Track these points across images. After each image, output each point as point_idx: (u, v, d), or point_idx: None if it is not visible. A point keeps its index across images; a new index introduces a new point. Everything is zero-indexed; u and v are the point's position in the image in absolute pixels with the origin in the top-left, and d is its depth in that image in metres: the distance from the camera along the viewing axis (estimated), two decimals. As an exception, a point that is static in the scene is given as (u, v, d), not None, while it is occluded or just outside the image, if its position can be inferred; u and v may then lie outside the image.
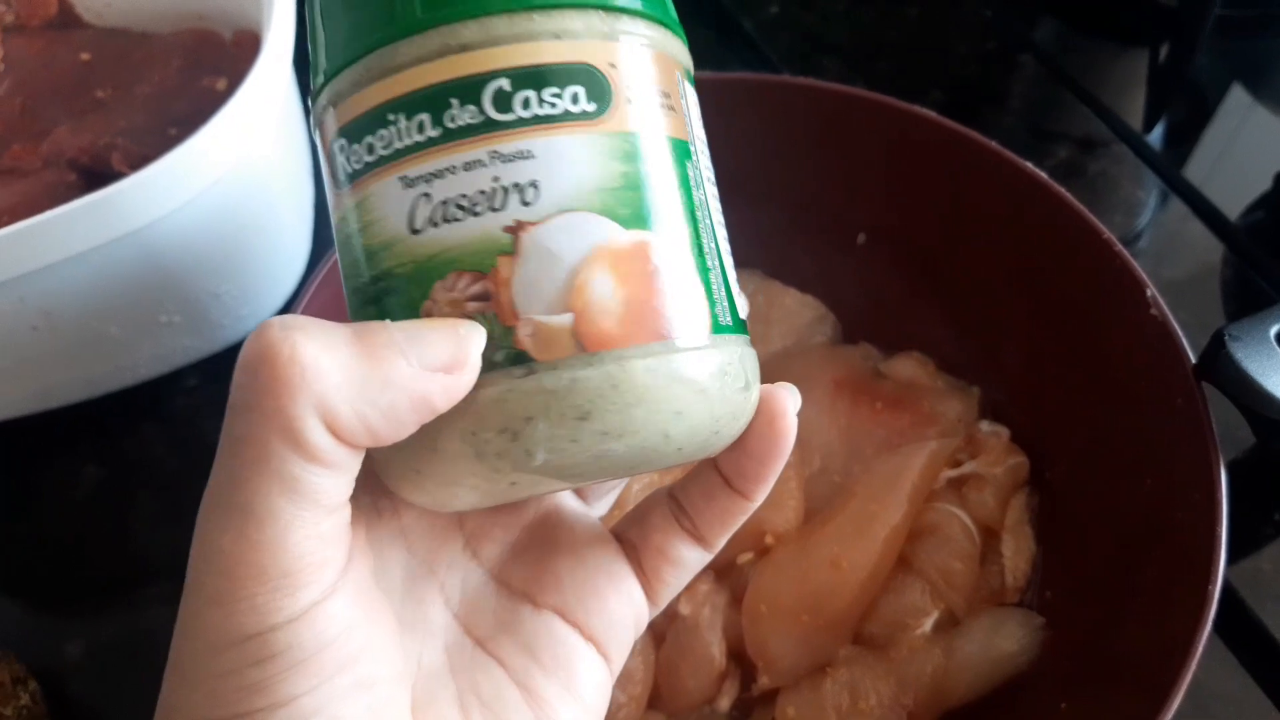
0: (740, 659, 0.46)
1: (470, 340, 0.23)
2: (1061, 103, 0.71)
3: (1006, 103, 0.73)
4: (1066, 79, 0.72)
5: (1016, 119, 0.71)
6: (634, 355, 0.24)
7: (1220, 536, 0.38)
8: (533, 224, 0.23)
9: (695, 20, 0.77)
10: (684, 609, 0.45)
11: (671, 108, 0.26)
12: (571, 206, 0.24)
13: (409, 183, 0.24)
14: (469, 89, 0.24)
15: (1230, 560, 0.38)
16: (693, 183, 0.26)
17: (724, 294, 0.26)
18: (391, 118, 0.24)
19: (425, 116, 0.24)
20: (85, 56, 0.59)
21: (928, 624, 0.45)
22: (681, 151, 0.26)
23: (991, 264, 0.50)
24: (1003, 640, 0.44)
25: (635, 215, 0.24)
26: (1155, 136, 0.70)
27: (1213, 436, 0.40)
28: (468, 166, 0.24)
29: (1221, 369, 0.40)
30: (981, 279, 0.51)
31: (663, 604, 0.30)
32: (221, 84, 0.56)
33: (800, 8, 0.77)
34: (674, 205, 0.25)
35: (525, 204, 0.24)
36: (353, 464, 0.23)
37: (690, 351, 0.25)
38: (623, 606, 0.29)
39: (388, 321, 0.23)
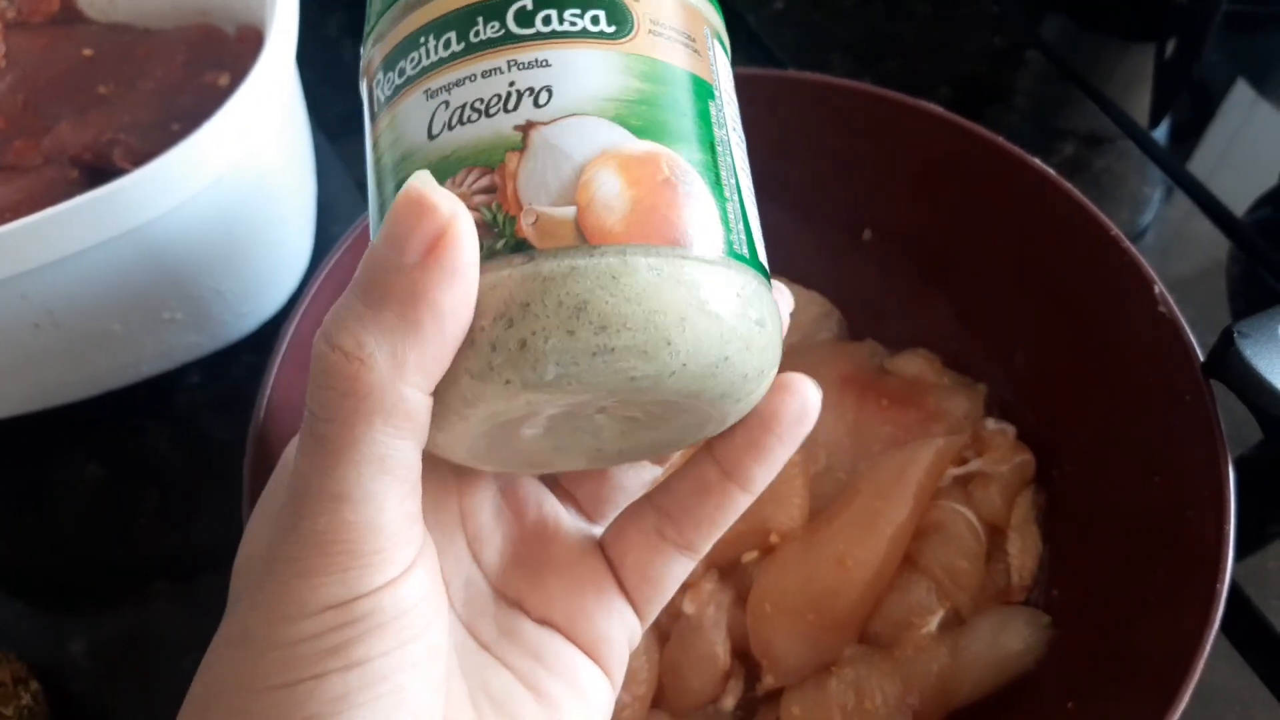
0: (745, 658, 0.46)
1: (433, 195, 0.22)
2: (1068, 98, 0.71)
3: (1013, 99, 0.72)
4: (1073, 75, 0.71)
5: (1022, 115, 0.71)
6: (637, 252, 0.24)
7: (1228, 534, 0.38)
8: (543, 123, 0.24)
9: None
10: (688, 608, 0.45)
11: (696, 51, 0.27)
12: (583, 110, 0.24)
13: (431, 94, 0.25)
14: (495, 8, 0.25)
15: (1237, 558, 0.38)
16: (714, 120, 0.27)
17: (741, 227, 0.26)
18: (422, 40, 0.26)
19: (452, 34, 0.25)
20: (88, 52, 0.59)
21: (933, 623, 0.45)
22: (702, 89, 0.27)
23: (998, 260, 0.50)
24: (1009, 639, 0.44)
25: (647, 127, 0.25)
26: (1161, 132, 0.70)
27: (1221, 434, 0.40)
28: (485, 74, 0.25)
29: (1230, 366, 0.40)
30: (988, 275, 0.51)
31: (650, 619, 0.30)
32: (224, 80, 0.56)
33: (807, 4, 0.77)
34: (690, 130, 0.26)
35: (538, 105, 0.24)
36: (426, 421, 0.23)
37: (698, 261, 0.24)
38: (612, 626, 0.29)
39: (371, 243, 0.23)
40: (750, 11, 0.76)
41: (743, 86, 0.51)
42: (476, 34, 0.25)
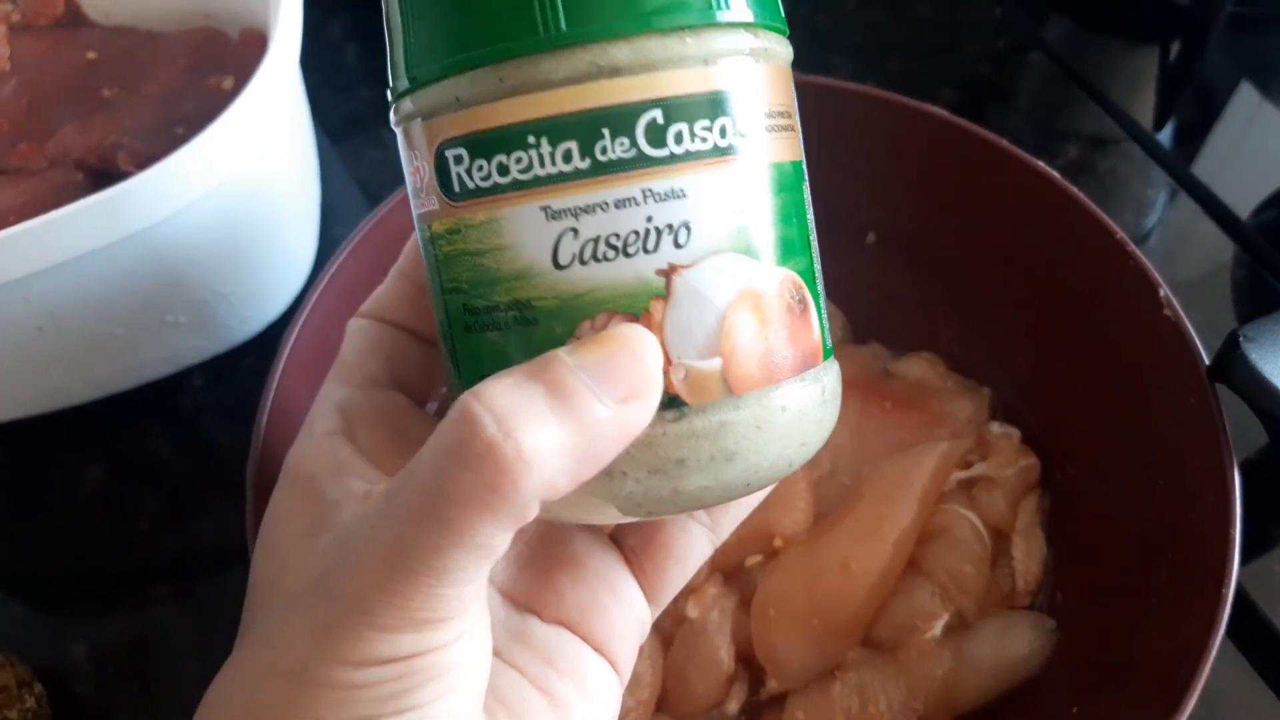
0: (749, 662, 0.45)
1: (651, 356, 0.23)
2: (1071, 101, 0.71)
3: (1016, 101, 0.72)
4: (1076, 77, 0.71)
5: (1026, 117, 0.71)
6: (773, 394, 0.24)
7: (1234, 539, 0.38)
8: (685, 267, 0.23)
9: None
10: (692, 612, 0.45)
11: (792, 127, 0.26)
12: (720, 248, 0.23)
13: (553, 214, 0.23)
14: (622, 119, 0.23)
15: (1242, 562, 0.37)
16: (808, 205, 0.26)
17: (826, 315, 0.27)
18: (533, 140, 0.23)
19: (573, 145, 0.23)
20: (92, 56, 0.59)
21: (938, 627, 0.45)
22: (800, 175, 0.26)
23: (1002, 263, 0.50)
24: (1013, 643, 0.44)
25: (774, 252, 0.24)
26: (1165, 135, 0.70)
27: (1226, 438, 0.40)
28: (620, 204, 0.23)
29: (1236, 370, 0.40)
30: (992, 278, 0.51)
31: (665, 602, 0.31)
32: (228, 83, 0.56)
33: (810, 7, 0.77)
34: (800, 235, 0.26)
35: (678, 246, 0.23)
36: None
37: (815, 383, 0.25)
38: (625, 617, 0.30)
39: (562, 358, 0.23)
40: (753, 14, 0.75)
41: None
42: (604, 151, 0.23)
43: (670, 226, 0.23)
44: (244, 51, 0.58)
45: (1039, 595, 0.46)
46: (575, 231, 0.23)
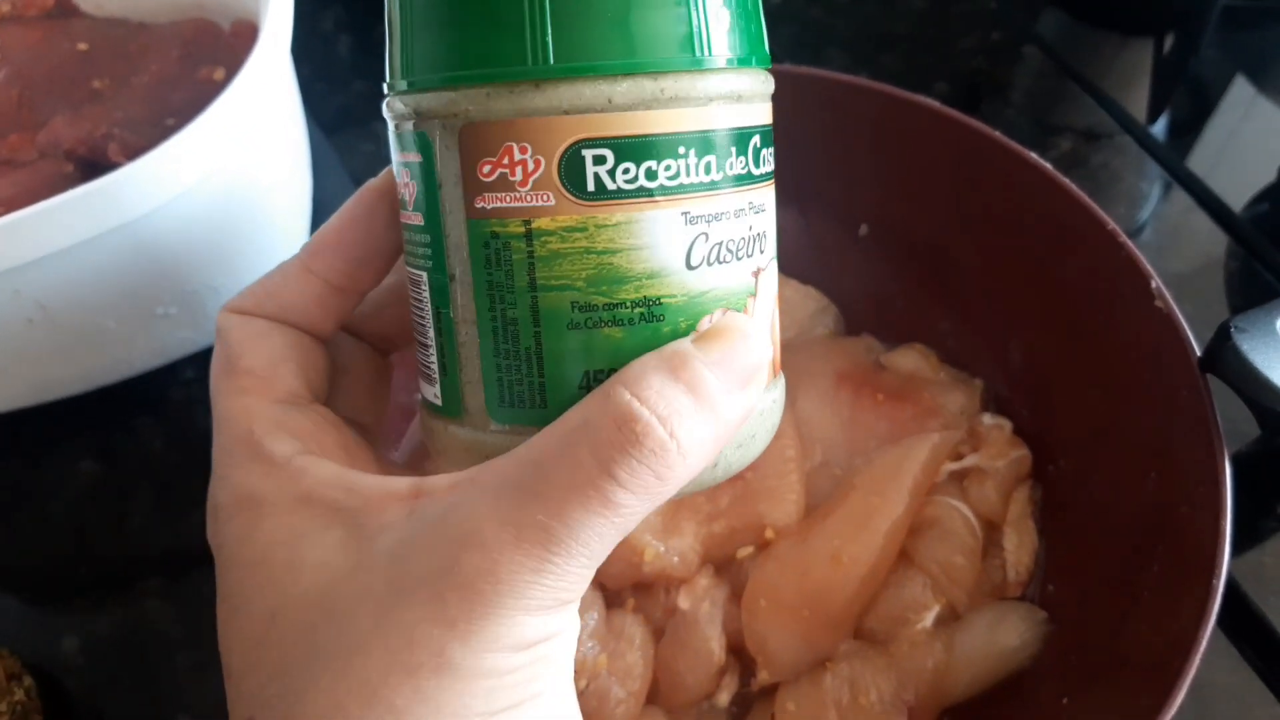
0: (740, 654, 0.45)
1: (762, 344, 0.26)
2: (1065, 94, 0.71)
3: (1010, 94, 0.72)
4: (1070, 70, 0.71)
5: (1020, 110, 0.71)
6: (778, 382, 0.29)
7: (1225, 531, 0.38)
8: (763, 270, 0.27)
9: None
10: (683, 603, 0.45)
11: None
12: (773, 255, 0.28)
13: (691, 220, 0.25)
14: (742, 139, 0.26)
15: (1233, 554, 0.37)
16: None
17: None
18: (682, 151, 0.25)
19: (713, 159, 0.25)
20: (82, 47, 0.59)
21: (929, 618, 0.45)
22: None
23: (995, 256, 0.50)
24: (1004, 635, 0.44)
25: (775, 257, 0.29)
26: (1159, 128, 0.70)
27: (1217, 429, 0.40)
28: (738, 214, 0.26)
29: (1227, 361, 0.40)
30: (985, 271, 0.51)
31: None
32: (219, 74, 0.56)
33: (805, 0, 0.77)
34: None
35: (761, 252, 0.27)
36: None
37: (781, 377, 0.30)
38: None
39: (692, 352, 0.25)
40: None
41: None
42: (730, 167, 0.26)
43: (760, 236, 0.27)
44: (236, 43, 0.58)
45: (1030, 587, 0.46)
46: (706, 236, 0.25)
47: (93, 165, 0.51)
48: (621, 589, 0.46)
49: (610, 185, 0.25)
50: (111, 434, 0.57)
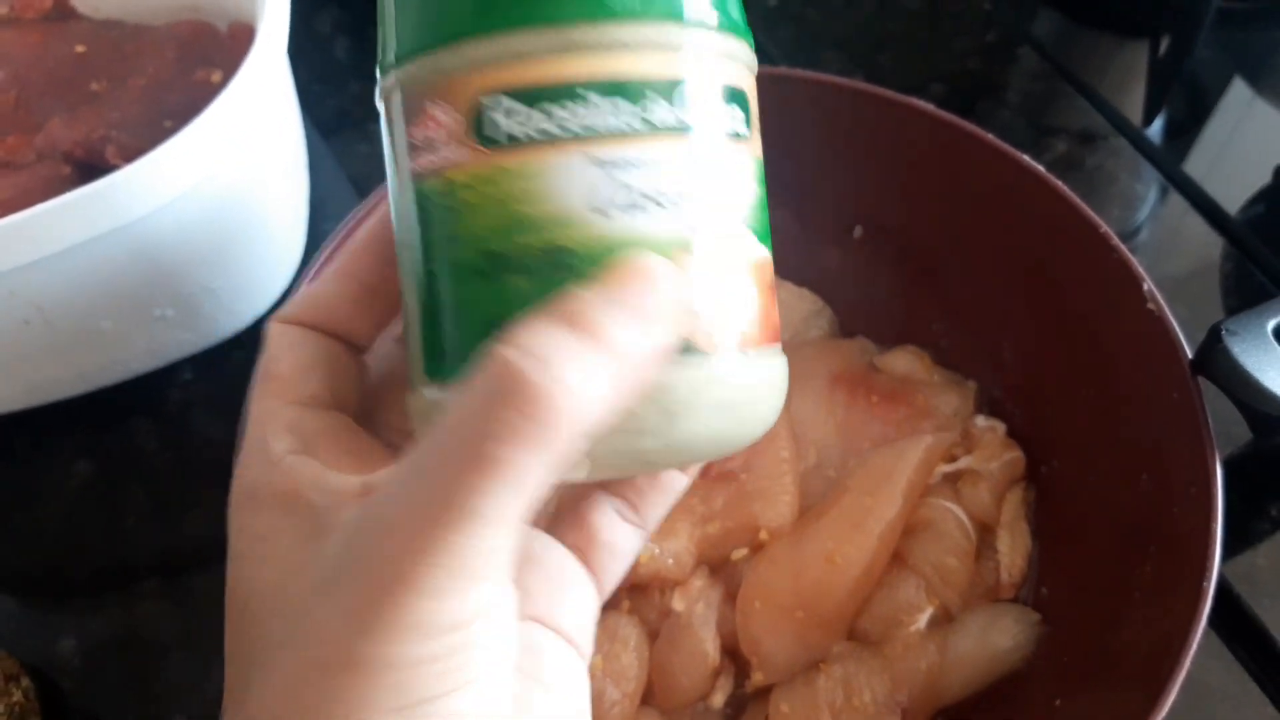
0: (734, 655, 0.45)
1: (670, 281, 0.24)
2: (1060, 96, 0.71)
3: (1005, 96, 0.72)
4: (1065, 72, 0.71)
5: (1015, 112, 0.71)
6: (765, 356, 0.27)
7: (1216, 533, 0.38)
8: (705, 229, 0.25)
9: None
10: (678, 605, 0.45)
11: (760, 129, 0.28)
12: (733, 216, 0.26)
13: (601, 164, 0.24)
14: (668, 89, 0.25)
15: (1226, 556, 0.38)
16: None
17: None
18: (588, 95, 0.24)
19: (625, 104, 0.25)
20: (80, 49, 0.59)
21: (922, 620, 0.45)
22: (763, 171, 0.28)
23: (988, 258, 0.50)
24: (998, 636, 0.44)
25: (763, 233, 0.27)
26: (1155, 130, 0.70)
27: (1209, 432, 0.40)
28: (664, 164, 0.25)
29: (1218, 364, 0.40)
30: (978, 273, 0.51)
31: (608, 593, 0.31)
32: (216, 76, 0.56)
33: (800, 1, 0.77)
34: (767, 223, 0.28)
35: (702, 210, 0.25)
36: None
37: (782, 357, 0.28)
38: (586, 606, 0.30)
39: (581, 294, 0.23)
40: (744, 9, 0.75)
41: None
42: (654, 115, 0.25)
43: (700, 192, 0.25)
44: (233, 45, 0.58)
45: (1023, 588, 0.47)
46: (621, 183, 0.25)
47: (90, 167, 0.51)
48: (616, 591, 0.46)
49: (517, 132, 0.25)
50: (108, 435, 0.57)
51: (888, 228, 0.53)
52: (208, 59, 0.57)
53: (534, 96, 0.25)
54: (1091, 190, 0.65)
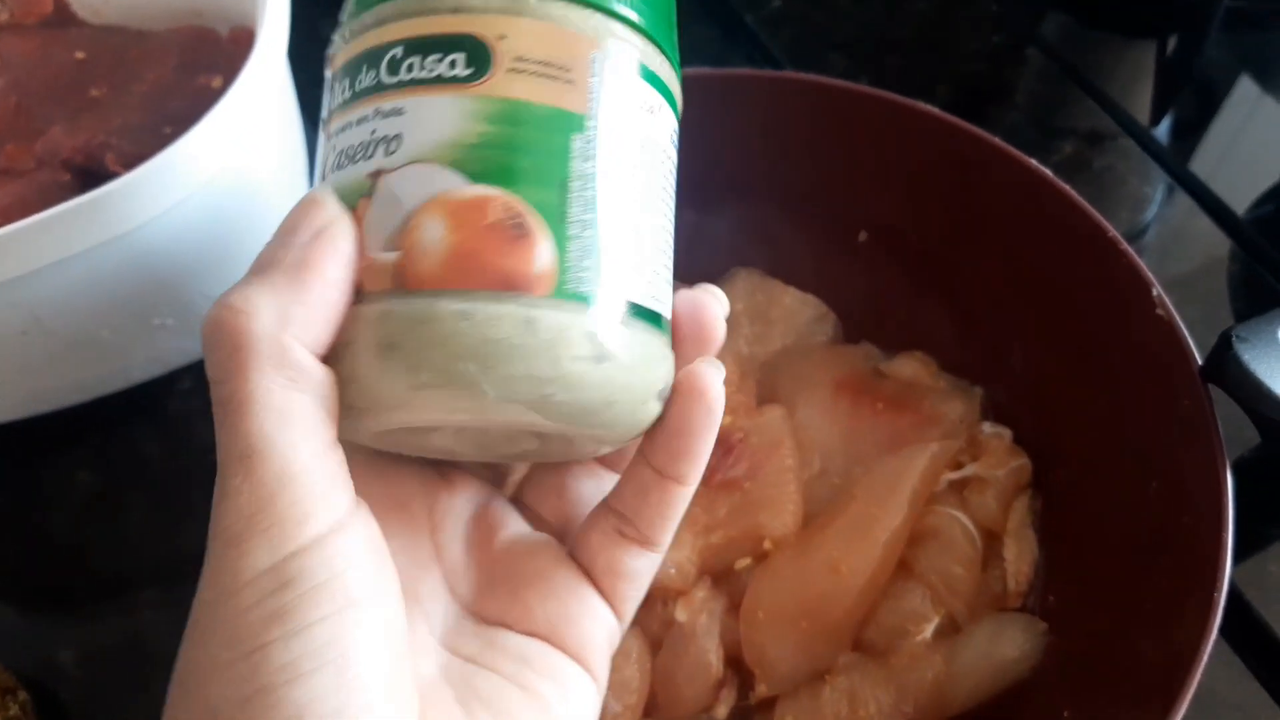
0: (738, 666, 0.45)
1: (312, 205, 0.26)
2: (1067, 97, 0.70)
3: (1012, 97, 0.72)
4: (1073, 73, 0.71)
5: (1022, 114, 0.70)
6: (446, 296, 0.25)
7: (1226, 541, 0.37)
8: (388, 171, 0.26)
9: (698, 16, 0.77)
10: (681, 616, 0.45)
11: (568, 81, 0.27)
12: (422, 158, 0.26)
13: (329, 135, 0.28)
14: (375, 56, 0.27)
15: (1235, 562, 0.37)
16: (573, 154, 0.27)
17: (591, 263, 0.26)
18: (334, 82, 0.28)
19: (348, 79, 0.27)
20: (80, 55, 0.59)
21: (928, 630, 0.44)
22: (564, 123, 0.27)
23: (995, 262, 0.50)
24: (1005, 646, 0.44)
25: (485, 171, 0.26)
26: (1162, 130, 0.70)
27: (1219, 439, 0.39)
28: (359, 122, 0.27)
29: (1228, 371, 0.40)
30: (985, 277, 0.50)
31: (629, 617, 0.31)
32: (217, 82, 0.56)
33: (804, 3, 0.76)
34: (536, 168, 0.26)
35: (388, 154, 0.26)
36: (323, 380, 0.25)
37: (515, 304, 0.25)
38: (596, 626, 0.30)
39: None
40: (748, 11, 0.75)
41: (738, 88, 0.52)
42: (359, 81, 0.27)
43: (385, 139, 0.26)
44: (233, 50, 0.57)
45: (1030, 597, 0.46)
46: (335, 147, 0.27)
47: (90, 174, 0.51)
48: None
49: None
50: (108, 444, 0.57)
51: (893, 232, 0.53)
52: (208, 64, 0.57)
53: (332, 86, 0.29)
54: (1099, 191, 0.64)
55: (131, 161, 0.49)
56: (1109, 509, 0.44)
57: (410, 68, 0.26)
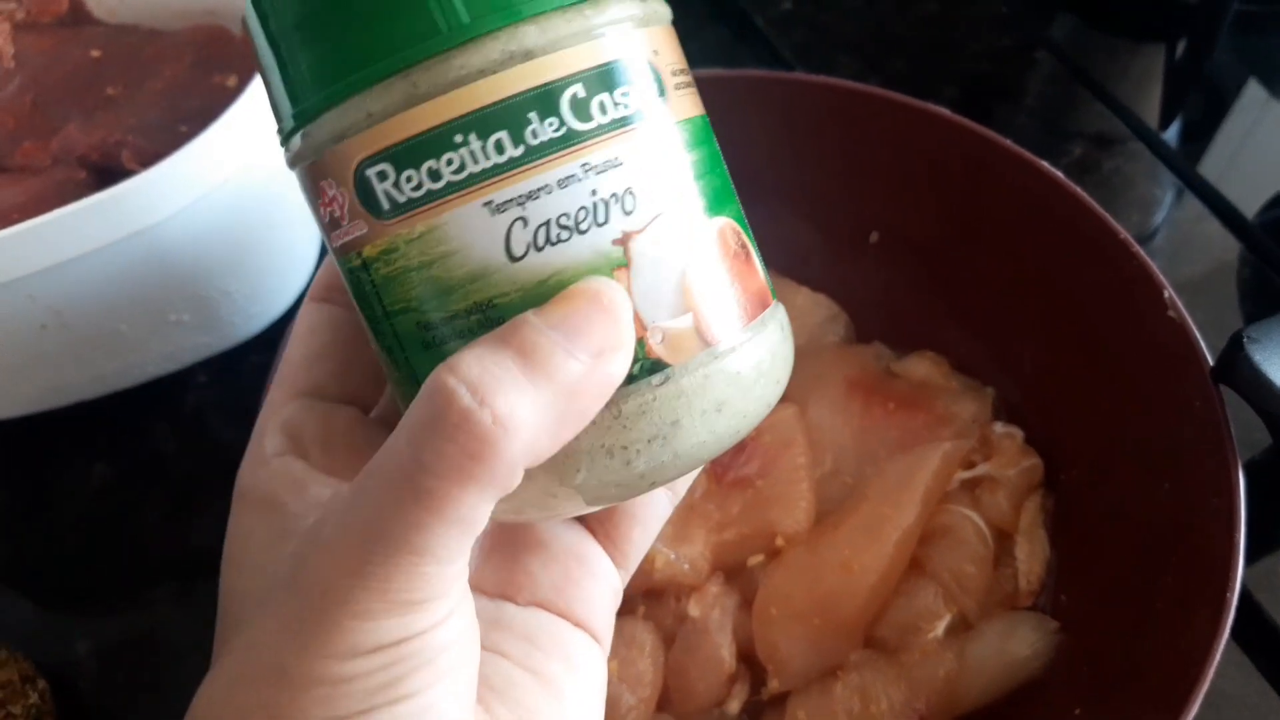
0: (750, 662, 0.45)
1: (619, 306, 0.23)
2: (1077, 99, 0.70)
3: (1022, 100, 0.72)
4: (1082, 75, 0.71)
5: (1031, 116, 0.71)
6: (747, 338, 0.25)
7: (1238, 542, 0.37)
8: (637, 231, 0.23)
9: (709, 17, 0.77)
10: (694, 611, 0.45)
11: (690, 84, 0.26)
12: (666, 206, 0.24)
13: (498, 208, 0.23)
14: (546, 100, 0.23)
15: (1247, 562, 0.37)
16: (721, 157, 0.26)
17: (761, 257, 0.27)
18: (460, 139, 0.23)
19: (503, 135, 0.23)
20: (96, 53, 0.59)
21: (940, 628, 0.45)
22: (708, 128, 0.26)
23: (1006, 263, 0.50)
24: (1016, 645, 0.44)
25: (712, 201, 0.25)
26: (1171, 133, 0.70)
27: (1231, 440, 0.39)
28: (562, 184, 0.23)
29: (1240, 371, 0.40)
30: (996, 278, 0.51)
31: (633, 566, 0.31)
32: (232, 80, 0.56)
33: (814, 5, 0.77)
34: (723, 184, 0.26)
35: (627, 213, 0.23)
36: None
37: (773, 322, 0.26)
38: (599, 588, 0.29)
39: (529, 319, 0.22)
40: (758, 12, 0.75)
41: (750, 89, 0.52)
42: (535, 135, 0.23)
43: (615, 196, 0.23)
44: (248, 49, 0.58)
45: (1042, 596, 0.46)
46: (524, 220, 0.23)
47: (106, 172, 0.52)
48: (632, 596, 0.46)
49: (400, 198, 0.23)
50: (124, 439, 0.57)
51: (904, 233, 0.53)
52: (223, 63, 0.57)
53: (407, 156, 0.23)
54: (1109, 194, 0.64)
55: (148, 159, 0.49)
56: (1121, 509, 0.45)
57: (604, 108, 0.23)
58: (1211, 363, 0.41)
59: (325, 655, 0.22)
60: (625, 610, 0.46)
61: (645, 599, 0.46)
